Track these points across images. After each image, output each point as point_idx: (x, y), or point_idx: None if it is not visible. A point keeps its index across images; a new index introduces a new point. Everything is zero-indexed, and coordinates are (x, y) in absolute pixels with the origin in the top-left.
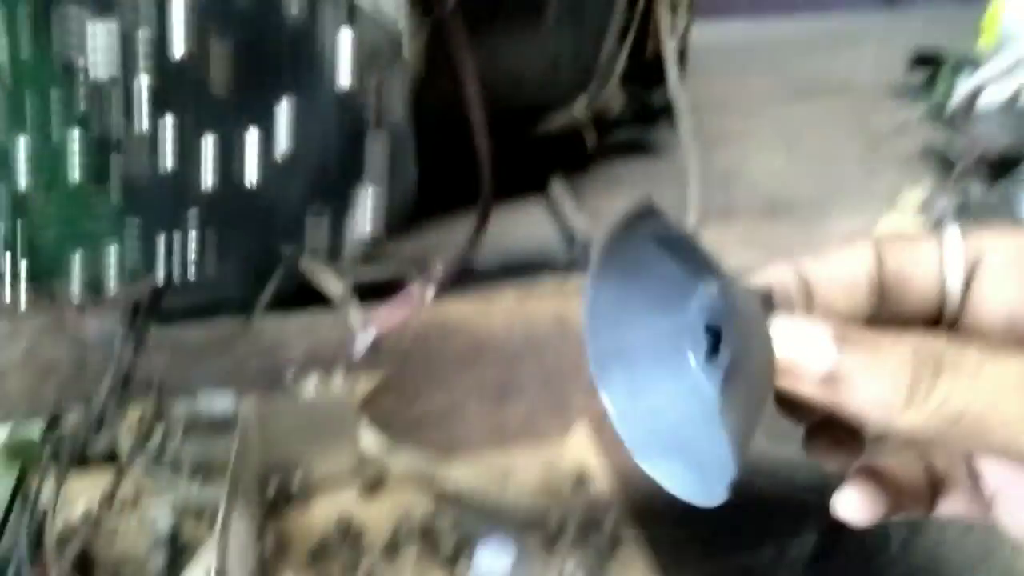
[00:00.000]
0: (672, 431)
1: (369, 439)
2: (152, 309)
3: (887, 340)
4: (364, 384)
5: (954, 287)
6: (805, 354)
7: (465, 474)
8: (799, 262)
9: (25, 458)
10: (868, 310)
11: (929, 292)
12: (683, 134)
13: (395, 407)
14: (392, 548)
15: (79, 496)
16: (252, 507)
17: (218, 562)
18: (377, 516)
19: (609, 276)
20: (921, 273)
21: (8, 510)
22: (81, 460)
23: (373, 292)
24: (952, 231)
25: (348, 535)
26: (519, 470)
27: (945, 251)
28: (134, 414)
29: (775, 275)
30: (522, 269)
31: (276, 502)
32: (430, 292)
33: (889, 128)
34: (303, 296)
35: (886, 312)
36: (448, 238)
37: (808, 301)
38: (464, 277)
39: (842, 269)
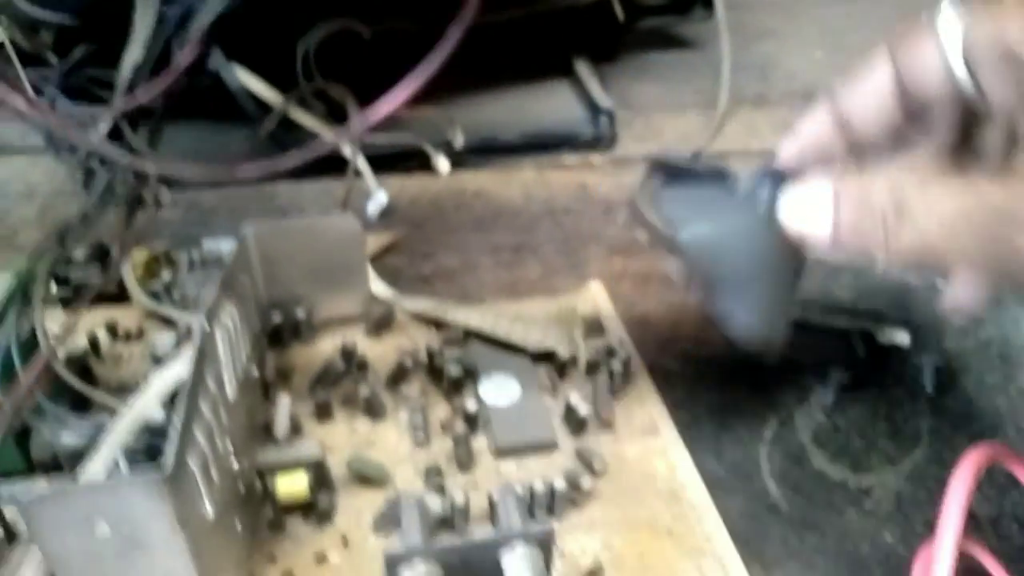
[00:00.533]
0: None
1: (378, 284)
2: (163, 115)
3: (866, 186)
4: (375, 241)
5: (963, 74)
6: (806, 227)
7: (475, 316)
8: (832, 94)
9: (20, 276)
10: (905, 120)
11: (947, 86)
12: (719, 12)
13: (406, 264)
14: (396, 378)
15: (83, 329)
16: (252, 332)
17: (195, 356)
18: (383, 351)
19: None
20: (932, 68)
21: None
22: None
23: (389, 161)
24: (946, 13)
25: (351, 365)
26: (531, 316)
27: (942, 39)
28: (141, 255)
29: (810, 125)
30: (544, 144)
31: (280, 334)
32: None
33: None
34: (318, 167)
35: (923, 117)
36: (467, 112)
37: (845, 133)
38: (484, 150)
39: (867, 87)
